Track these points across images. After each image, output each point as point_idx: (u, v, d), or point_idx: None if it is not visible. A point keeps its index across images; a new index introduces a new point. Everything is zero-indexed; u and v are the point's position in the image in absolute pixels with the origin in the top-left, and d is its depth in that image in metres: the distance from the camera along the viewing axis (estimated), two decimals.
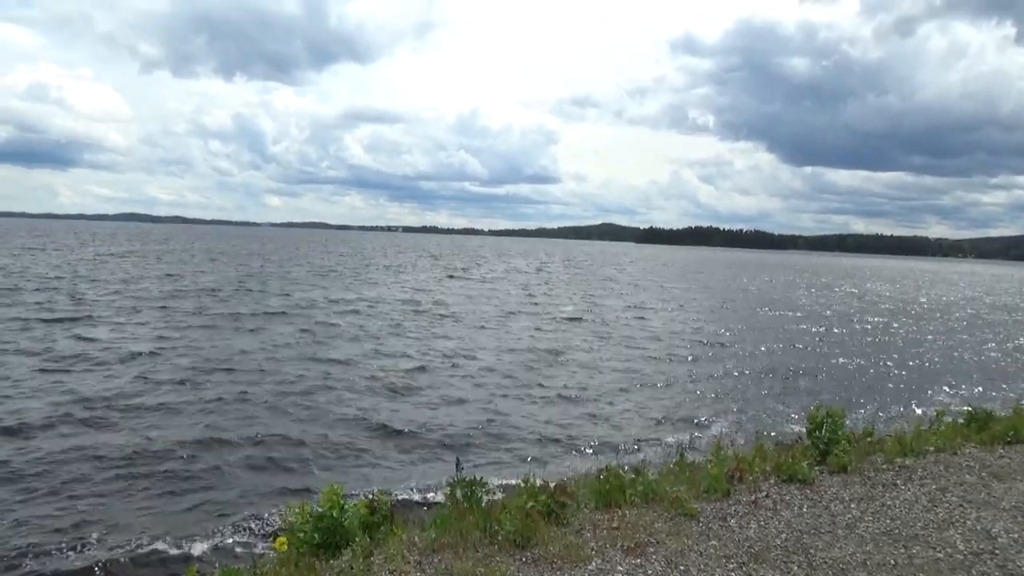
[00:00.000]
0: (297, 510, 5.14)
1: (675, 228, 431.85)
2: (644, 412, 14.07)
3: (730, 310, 35.95)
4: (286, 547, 4.43)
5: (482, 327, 24.95)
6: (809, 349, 23.43)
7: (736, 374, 18.25)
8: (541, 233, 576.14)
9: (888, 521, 5.51)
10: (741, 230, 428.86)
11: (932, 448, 7.67)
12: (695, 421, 13.53)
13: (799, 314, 35.23)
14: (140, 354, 16.84)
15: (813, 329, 29.09)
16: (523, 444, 11.63)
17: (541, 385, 15.94)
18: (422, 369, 16.93)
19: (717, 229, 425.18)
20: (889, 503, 5.93)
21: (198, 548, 7.54)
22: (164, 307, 25.87)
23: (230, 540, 7.74)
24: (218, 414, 12.42)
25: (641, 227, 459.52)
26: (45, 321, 21.14)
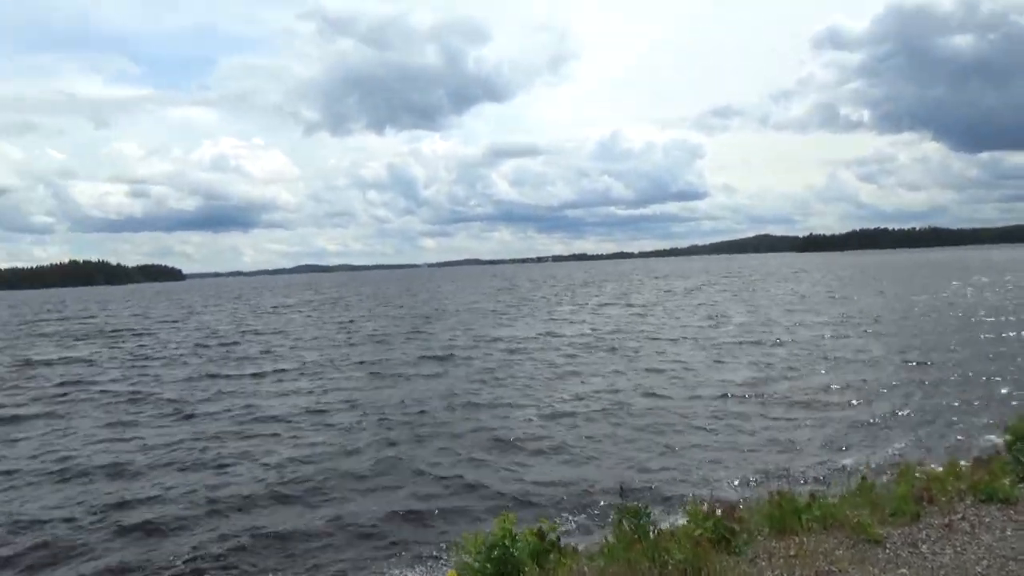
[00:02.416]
0: (470, 540, 5.34)
1: (838, 233, 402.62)
2: (819, 431, 13.29)
3: (916, 318, 33.19)
4: None
5: (637, 351, 24.66)
6: (1010, 354, 21.07)
7: (923, 387, 16.79)
8: (694, 251, 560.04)
9: None
10: (913, 228, 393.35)
11: None
12: (875, 439, 12.61)
13: (993, 318, 31.87)
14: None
15: (1013, 333, 26.19)
16: (689, 469, 11.34)
17: (710, 404, 15.50)
18: (589, 394, 17.00)
19: (885, 230, 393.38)
20: None
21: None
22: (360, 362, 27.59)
23: (400, 571, 8.12)
24: (384, 450, 13.12)
25: (800, 235, 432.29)
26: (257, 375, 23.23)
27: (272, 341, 33.21)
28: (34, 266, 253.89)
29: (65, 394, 20.20)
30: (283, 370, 23.20)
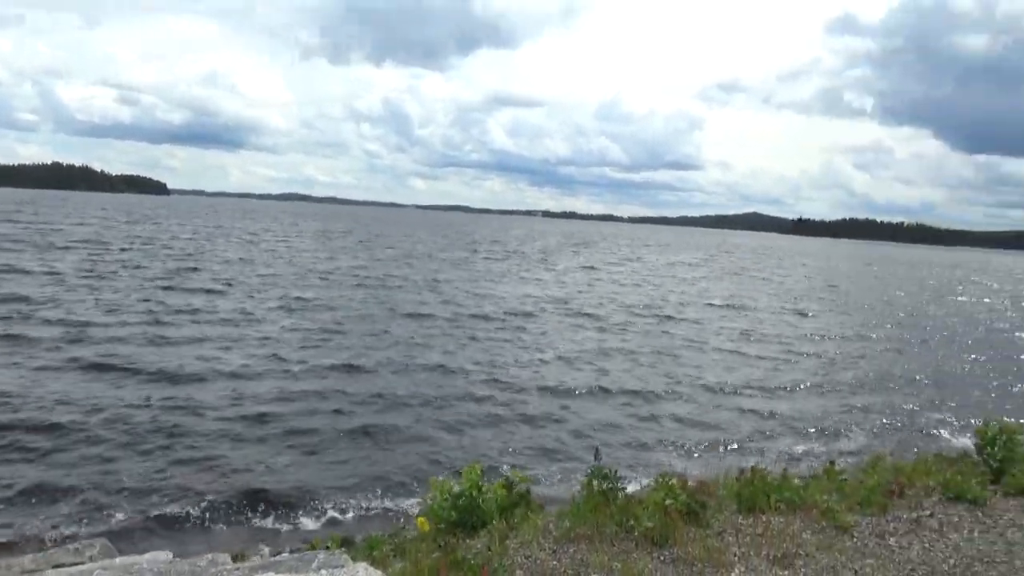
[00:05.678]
0: (437, 486, 5.27)
1: (828, 220, 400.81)
2: (790, 415, 13.43)
3: (892, 313, 33.46)
4: (428, 527, 4.54)
5: (625, 323, 24.72)
6: (982, 358, 21.34)
7: (894, 381, 16.97)
8: (682, 221, 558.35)
9: None
10: (902, 223, 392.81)
11: None
12: (843, 428, 12.73)
13: (964, 320, 32.20)
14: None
15: (984, 336, 26.50)
16: (662, 439, 11.41)
17: (684, 380, 15.56)
18: (576, 357, 16.99)
19: (874, 221, 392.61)
20: None
21: (342, 511, 7.95)
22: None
23: (372, 507, 8.10)
24: (379, 389, 13.05)
25: (790, 218, 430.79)
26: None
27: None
28: (16, 164, 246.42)
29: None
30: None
